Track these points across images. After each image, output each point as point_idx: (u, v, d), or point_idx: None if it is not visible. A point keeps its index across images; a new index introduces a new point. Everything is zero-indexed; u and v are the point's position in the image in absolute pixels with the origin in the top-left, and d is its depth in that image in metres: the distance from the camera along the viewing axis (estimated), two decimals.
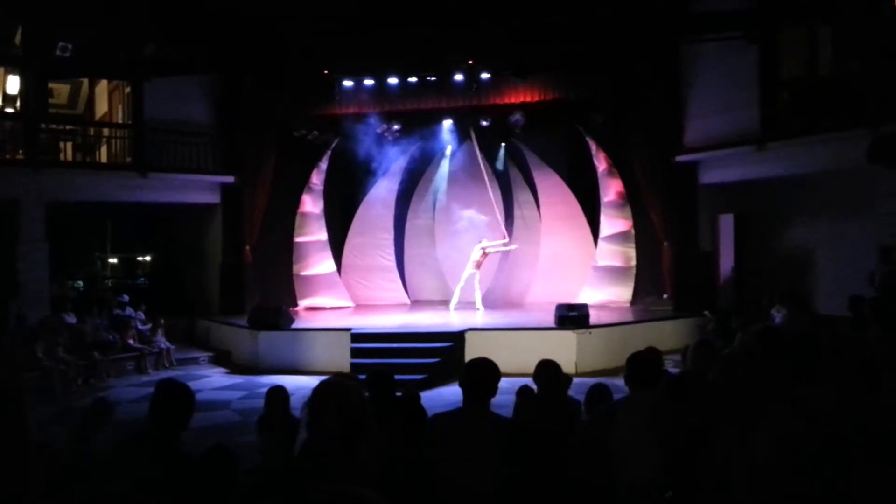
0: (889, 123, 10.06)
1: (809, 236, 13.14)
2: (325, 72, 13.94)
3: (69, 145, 14.91)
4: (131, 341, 12.77)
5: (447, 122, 15.35)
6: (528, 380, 6.04)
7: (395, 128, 14.84)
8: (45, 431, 7.35)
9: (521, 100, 14.04)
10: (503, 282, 16.42)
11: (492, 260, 15.37)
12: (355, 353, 11.39)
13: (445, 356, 11.20)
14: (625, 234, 15.04)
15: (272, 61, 14.14)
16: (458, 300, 14.64)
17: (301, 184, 15.64)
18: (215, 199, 15.45)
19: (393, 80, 13.89)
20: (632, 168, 14.47)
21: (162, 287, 17.03)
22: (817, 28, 12.24)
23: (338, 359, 11.11)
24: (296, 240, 15.67)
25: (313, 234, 15.83)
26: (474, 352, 10.06)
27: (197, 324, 15.16)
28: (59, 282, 14.22)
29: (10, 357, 10.51)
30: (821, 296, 12.28)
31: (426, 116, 14.98)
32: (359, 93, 14.24)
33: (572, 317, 11.58)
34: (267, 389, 5.65)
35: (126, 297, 14.50)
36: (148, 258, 19.18)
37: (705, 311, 12.26)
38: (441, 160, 16.70)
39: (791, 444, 2.58)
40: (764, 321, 10.33)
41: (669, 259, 14.12)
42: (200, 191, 15.28)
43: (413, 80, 13.93)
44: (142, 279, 18.78)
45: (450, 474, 3.21)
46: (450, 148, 16.29)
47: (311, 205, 15.81)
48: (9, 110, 14.92)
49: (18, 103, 14.46)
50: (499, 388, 3.41)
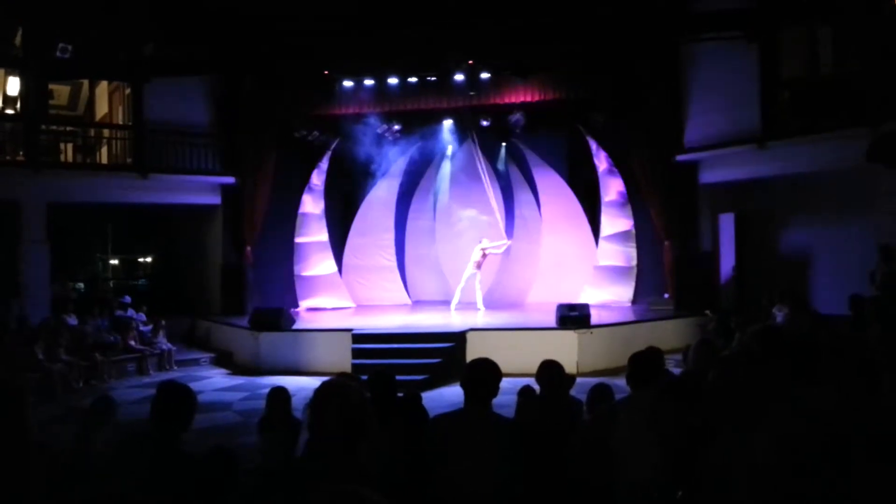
0: (889, 122, 10.07)
1: (810, 235, 13.14)
2: (326, 72, 13.94)
3: (70, 146, 14.92)
4: (132, 342, 12.78)
5: (447, 122, 15.37)
6: (530, 380, 6.04)
7: (396, 128, 14.86)
8: (46, 432, 7.36)
9: (522, 99, 14.04)
10: (504, 282, 16.41)
11: (493, 260, 15.36)
12: (356, 353, 11.39)
13: (447, 356, 11.19)
14: (625, 234, 15.04)
15: (272, 61, 14.16)
16: (459, 300, 14.63)
17: (302, 184, 15.65)
18: (216, 199, 15.45)
19: (393, 80, 13.90)
20: (632, 167, 14.47)
21: (163, 288, 17.03)
22: (817, 28, 12.24)
23: (339, 359, 11.10)
24: (296, 240, 15.68)
25: (314, 235, 15.84)
26: (475, 352, 10.06)
27: (198, 325, 15.17)
28: (60, 283, 14.23)
29: (10, 357, 10.55)
30: (821, 295, 12.28)
31: (426, 116, 14.99)
32: (359, 93, 14.24)
33: (573, 317, 11.57)
34: (268, 390, 5.65)
35: (128, 298, 14.52)
36: (149, 259, 19.19)
37: (706, 311, 12.26)
38: (442, 160, 16.70)
39: (791, 443, 2.58)
40: (764, 320, 10.33)
41: (670, 258, 14.12)
42: (201, 192, 15.29)
43: (413, 80, 13.94)
44: (141, 281, 18.78)
45: (451, 475, 3.21)
46: (451, 148, 16.30)
47: (311, 205, 15.82)
48: (9, 111, 14.94)
49: (19, 104, 14.48)
50: (500, 388, 3.41)
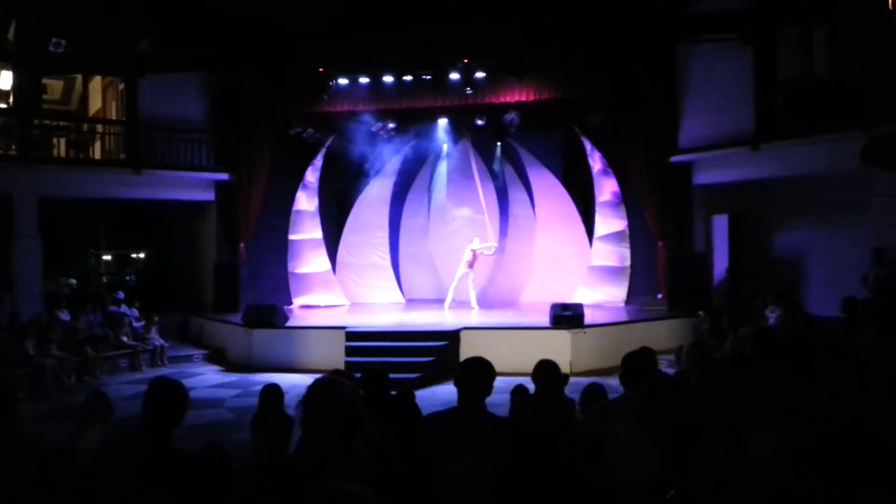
0: (884, 125, 10.11)
1: (803, 237, 13.18)
2: (321, 70, 13.91)
3: (63, 141, 14.87)
4: (125, 338, 12.73)
5: (442, 120, 15.34)
6: (523, 379, 6.04)
7: (391, 126, 14.83)
8: (38, 428, 7.33)
9: (517, 99, 14.03)
10: (498, 281, 16.42)
11: (486, 259, 15.37)
12: (350, 351, 11.38)
13: (440, 355, 11.19)
14: (619, 234, 15.06)
15: (267, 59, 14.11)
16: (453, 299, 14.63)
17: (296, 181, 15.61)
18: (210, 196, 15.42)
19: (388, 79, 13.88)
20: (627, 168, 14.49)
21: (156, 284, 16.98)
22: (813, 30, 12.27)
23: (332, 357, 11.09)
24: (290, 237, 15.65)
25: (308, 232, 15.81)
26: (469, 351, 10.08)
27: (191, 321, 15.12)
28: (52, 278, 14.16)
29: (1, 353, 10.49)
30: (814, 297, 12.33)
31: (421, 115, 14.96)
32: (354, 91, 14.23)
33: (567, 316, 11.57)
34: (261, 387, 5.63)
35: (122, 294, 14.47)
36: (142, 255, 19.12)
37: (700, 312, 12.30)
38: (438, 159, 16.68)
39: (782, 443, 2.59)
40: (758, 322, 10.38)
41: (664, 259, 14.15)
42: (195, 188, 15.24)
43: (408, 78, 13.92)
44: (129, 277, 18.69)
45: (445, 473, 3.21)
46: (446, 147, 16.28)
47: (305, 202, 15.79)
48: (2, 106, 14.85)
49: (11, 99, 14.39)
50: (493, 387, 3.41)
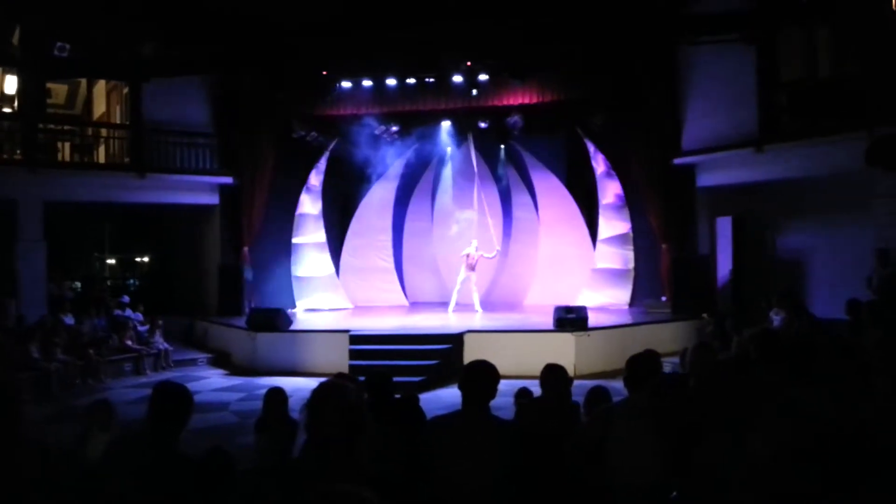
0: (887, 125, 10.08)
1: (807, 239, 13.16)
2: (324, 73, 13.94)
3: (67, 145, 14.91)
4: (129, 342, 12.75)
5: (445, 123, 15.35)
6: (527, 382, 6.05)
7: (394, 129, 14.84)
8: (43, 431, 7.35)
9: (520, 101, 14.05)
10: (501, 284, 16.43)
11: (489, 262, 15.38)
12: (354, 354, 11.37)
13: (444, 358, 11.18)
14: (623, 237, 15.05)
15: (268, 60, 14.14)
16: (457, 302, 14.64)
17: (299, 185, 15.64)
18: (214, 199, 15.44)
19: (391, 82, 13.91)
20: (630, 170, 14.49)
21: (160, 288, 17.01)
22: (816, 30, 12.25)
23: (336, 360, 11.08)
24: (294, 241, 15.67)
25: (312, 236, 15.83)
26: (473, 354, 10.07)
27: (195, 325, 15.14)
28: (56, 282, 14.20)
29: (6, 357, 10.52)
30: (818, 299, 12.29)
31: (424, 118, 14.97)
32: (357, 94, 14.26)
33: (571, 319, 11.56)
34: (265, 391, 5.63)
35: (126, 297, 14.51)
36: (146, 259, 19.16)
37: (703, 314, 12.27)
38: (441, 162, 16.69)
39: (781, 443, 2.59)
40: (762, 324, 10.35)
41: (668, 261, 14.13)
42: (199, 191, 15.27)
43: (411, 81, 13.94)
44: (132, 281, 18.72)
45: (449, 476, 3.21)
46: (450, 150, 16.28)
47: (309, 206, 15.82)
48: (6, 110, 14.89)
49: (16, 103, 14.45)
50: (498, 390, 3.41)
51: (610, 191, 15.09)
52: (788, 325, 10.27)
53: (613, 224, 15.06)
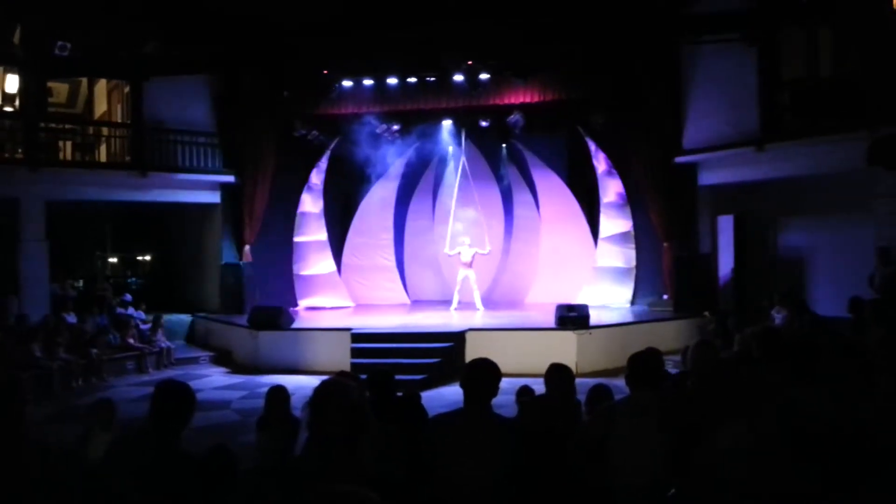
0: (888, 125, 10.08)
1: (809, 238, 13.16)
2: (325, 72, 13.94)
3: (68, 144, 14.91)
4: (131, 340, 12.77)
5: (447, 122, 15.34)
6: (529, 380, 6.06)
7: (395, 128, 14.84)
8: (45, 430, 7.37)
9: (521, 100, 14.04)
10: (503, 282, 16.42)
11: (490, 261, 15.37)
12: (355, 353, 11.38)
13: (446, 356, 11.19)
14: (625, 235, 15.05)
15: (268, 59, 14.14)
16: (459, 301, 14.66)
17: (301, 183, 15.65)
18: (215, 198, 15.46)
19: (392, 81, 13.91)
20: (631, 169, 14.48)
21: (162, 286, 17.03)
22: (817, 29, 12.24)
23: (338, 359, 11.09)
24: (295, 239, 15.68)
25: (313, 234, 15.84)
26: (475, 352, 10.06)
27: (197, 323, 15.16)
28: (59, 281, 14.22)
29: (8, 356, 10.54)
30: (820, 297, 12.29)
31: (426, 117, 14.96)
32: (358, 93, 14.25)
33: (572, 317, 11.56)
34: (267, 389, 5.64)
35: (129, 296, 14.52)
36: (148, 257, 19.19)
37: (705, 312, 12.28)
38: (443, 161, 16.68)
39: (776, 441, 2.59)
40: (764, 322, 10.36)
41: (669, 260, 14.12)
42: (200, 190, 15.29)
43: (412, 80, 13.94)
44: (132, 279, 18.73)
45: (450, 474, 3.21)
46: (451, 149, 16.26)
47: (310, 204, 15.82)
48: (8, 109, 14.92)
49: (17, 102, 14.47)
50: (500, 388, 3.41)
51: (611, 189, 15.08)
52: (790, 324, 10.28)
53: (615, 222, 15.06)
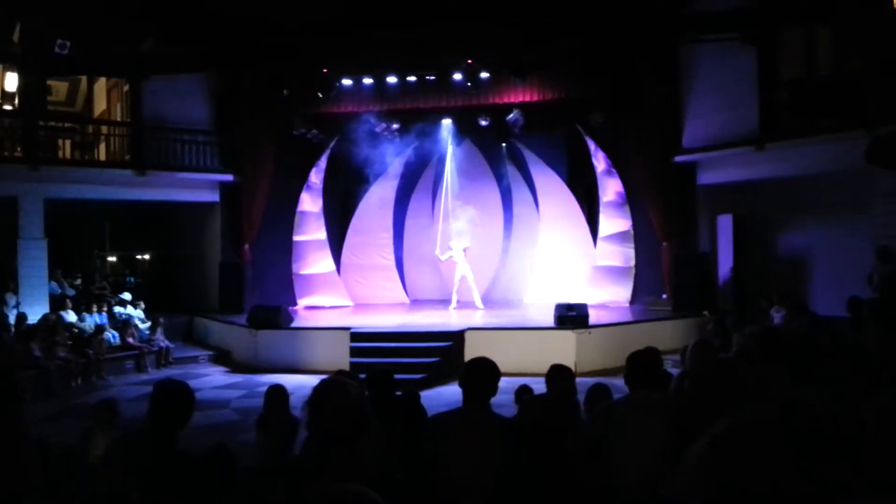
0: (887, 124, 10.07)
1: (808, 237, 13.16)
2: (324, 70, 13.93)
3: (68, 143, 14.92)
4: (130, 339, 12.78)
5: (446, 121, 15.33)
6: (528, 379, 6.06)
7: (394, 126, 14.83)
8: (44, 429, 7.36)
9: (521, 99, 14.04)
10: (502, 281, 16.43)
11: (490, 259, 15.36)
12: (354, 352, 11.39)
13: (445, 355, 11.20)
14: (624, 234, 15.05)
15: (270, 60, 14.13)
16: (458, 300, 14.67)
17: (300, 182, 15.64)
18: (214, 197, 15.46)
19: (392, 80, 13.90)
20: (631, 168, 14.49)
21: (161, 285, 17.02)
22: (816, 29, 12.25)
23: (337, 358, 11.09)
24: (295, 238, 15.68)
25: (312, 233, 15.83)
26: (474, 351, 10.08)
27: (196, 322, 15.15)
28: (57, 280, 14.22)
29: (7, 354, 10.53)
30: (819, 296, 12.29)
31: (425, 115, 14.96)
32: (357, 92, 14.24)
33: (571, 316, 11.57)
34: (266, 388, 5.65)
35: (129, 295, 14.52)
36: (147, 256, 19.17)
37: (704, 312, 12.28)
38: (442, 160, 16.65)
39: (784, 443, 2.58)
40: (763, 322, 10.36)
41: (668, 259, 14.13)
42: (199, 189, 15.29)
43: (412, 79, 13.93)
44: (130, 278, 18.72)
45: (450, 474, 3.21)
46: (451, 148, 16.24)
47: (310, 203, 15.82)
48: (7, 107, 14.91)
49: (17, 100, 14.45)
50: (499, 387, 3.41)
51: (611, 188, 15.08)
52: (789, 323, 10.28)
53: (614, 222, 15.06)
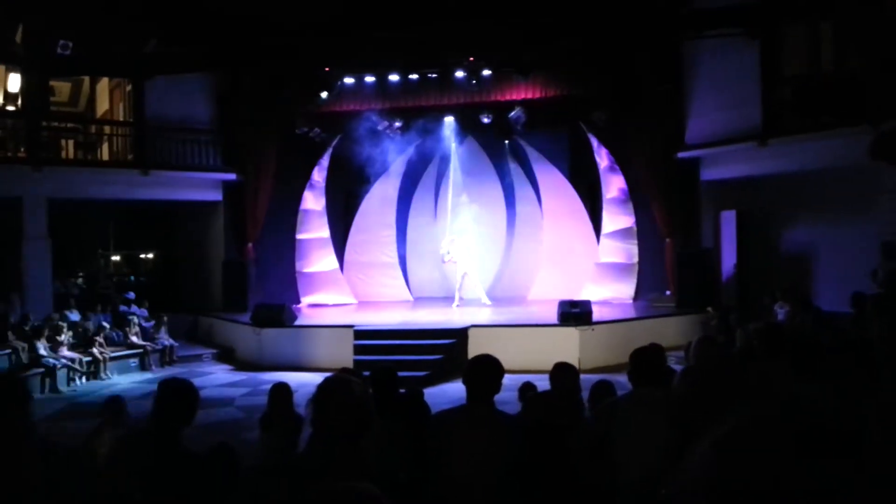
0: (891, 120, 10.04)
1: (811, 233, 13.13)
2: (326, 69, 13.93)
3: (71, 143, 14.94)
4: (134, 338, 12.81)
5: (449, 118, 15.33)
6: (532, 376, 6.06)
7: (397, 124, 14.83)
8: (49, 428, 7.39)
9: (523, 96, 14.03)
10: (505, 278, 16.42)
11: (494, 257, 15.34)
12: (358, 349, 11.41)
13: (448, 353, 11.21)
14: (627, 231, 15.02)
15: (268, 59, 14.11)
16: (461, 298, 14.68)
17: (303, 181, 15.65)
18: (217, 196, 15.48)
19: (394, 78, 13.89)
20: (634, 164, 14.46)
21: (165, 284, 17.06)
22: (819, 24, 12.21)
23: (341, 355, 11.11)
24: (298, 237, 15.69)
25: (315, 231, 15.84)
26: (477, 348, 10.07)
27: (200, 321, 15.18)
28: (62, 279, 14.26)
29: (12, 354, 10.58)
30: (823, 292, 12.27)
31: (427, 113, 14.94)
32: (360, 90, 14.24)
33: (575, 313, 11.57)
34: (270, 386, 5.65)
35: (132, 294, 14.55)
36: (150, 255, 19.20)
37: (708, 308, 12.27)
38: (445, 157, 16.66)
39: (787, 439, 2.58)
40: (766, 318, 10.36)
41: (672, 255, 14.11)
42: (202, 188, 15.31)
43: (414, 77, 13.92)
44: (132, 277, 18.74)
45: (453, 471, 3.22)
46: (454, 145, 16.23)
47: (313, 202, 15.82)
48: (10, 108, 14.93)
49: (20, 101, 14.48)
50: (502, 384, 3.41)
51: (613, 185, 15.06)
52: (792, 319, 10.27)
53: (617, 218, 15.04)
